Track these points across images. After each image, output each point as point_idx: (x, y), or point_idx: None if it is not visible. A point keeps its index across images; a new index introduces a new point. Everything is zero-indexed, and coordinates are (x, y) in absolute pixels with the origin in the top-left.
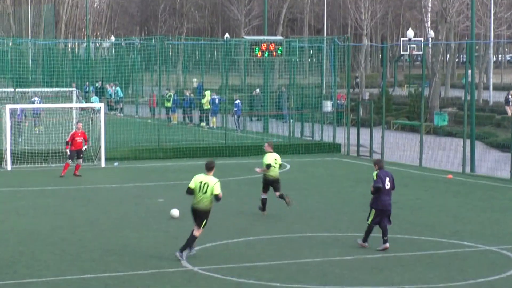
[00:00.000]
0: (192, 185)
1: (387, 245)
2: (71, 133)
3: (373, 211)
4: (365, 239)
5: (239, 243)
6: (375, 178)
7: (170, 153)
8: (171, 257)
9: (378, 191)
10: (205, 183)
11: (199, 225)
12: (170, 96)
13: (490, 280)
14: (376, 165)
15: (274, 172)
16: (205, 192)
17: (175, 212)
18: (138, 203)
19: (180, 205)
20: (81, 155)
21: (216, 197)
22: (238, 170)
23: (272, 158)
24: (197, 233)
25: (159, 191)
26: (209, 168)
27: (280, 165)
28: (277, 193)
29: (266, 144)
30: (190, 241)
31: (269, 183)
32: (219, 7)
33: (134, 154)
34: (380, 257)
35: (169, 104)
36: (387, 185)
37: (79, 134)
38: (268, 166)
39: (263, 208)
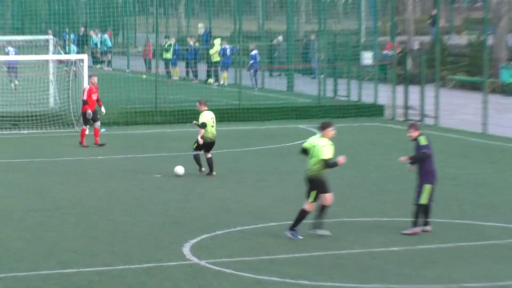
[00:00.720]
0: (306, 144)
1: (429, 227)
2: (86, 89)
3: (428, 186)
4: (426, 223)
5: (257, 230)
6: (425, 142)
7: (170, 116)
8: (171, 247)
9: (424, 159)
10: (314, 145)
11: (307, 196)
12: (169, 45)
13: None
14: (415, 128)
15: (212, 132)
16: (312, 156)
17: (180, 169)
18: (130, 179)
19: (184, 182)
20: (98, 116)
21: (326, 164)
22: (255, 138)
23: (208, 116)
24: (306, 206)
25: (156, 164)
26: (322, 128)
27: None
28: (208, 155)
29: (198, 103)
30: (300, 217)
31: (210, 146)
32: None
33: (126, 118)
34: (434, 248)
35: (169, 56)
36: None
37: (94, 90)
38: (204, 125)
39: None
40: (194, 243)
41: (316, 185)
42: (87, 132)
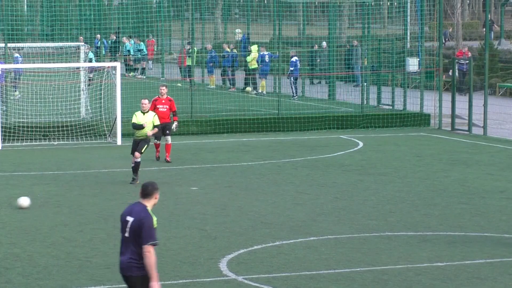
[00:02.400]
0: None
1: None
2: (152, 99)
3: None
4: None
5: (297, 245)
6: None
7: (206, 127)
8: (208, 262)
9: None
10: None
11: None
12: (193, 52)
13: None
14: None
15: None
16: None
17: (24, 201)
18: (165, 192)
19: (221, 194)
20: (167, 131)
21: None
22: (295, 149)
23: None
24: None
25: (192, 176)
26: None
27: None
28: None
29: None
30: None
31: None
32: None
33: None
34: (483, 263)
35: (190, 63)
36: None
37: (163, 101)
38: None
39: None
40: (231, 258)
41: None
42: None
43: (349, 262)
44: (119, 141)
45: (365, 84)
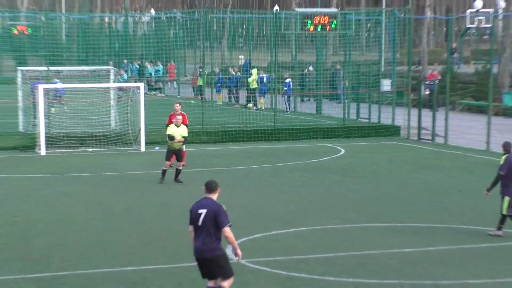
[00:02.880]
0: None
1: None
2: (169, 115)
3: (507, 199)
4: (499, 228)
5: (290, 234)
6: (502, 162)
7: (214, 136)
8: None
9: (499, 179)
10: None
11: None
12: (204, 74)
13: None
14: (504, 148)
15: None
16: None
17: None
18: (180, 190)
19: (228, 193)
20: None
21: None
22: (289, 156)
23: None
24: None
25: (203, 177)
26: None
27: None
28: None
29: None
30: None
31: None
32: None
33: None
34: (444, 250)
35: (201, 83)
36: None
37: (180, 116)
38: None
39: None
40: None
41: None
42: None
43: (333, 248)
44: (142, 149)
45: (346, 101)
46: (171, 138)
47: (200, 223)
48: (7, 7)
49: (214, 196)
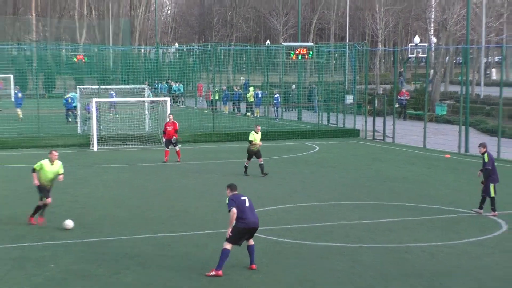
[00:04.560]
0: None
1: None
2: (165, 123)
3: (493, 185)
4: (481, 207)
5: (278, 210)
6: (487, 160)
7: (222, 137)
8: (223, 221)
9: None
10: None
11: None
12: (215, 91)
13: (480, 239)
14: (483, 146)
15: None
16: None
17: (69, 224)
18: (196, 177)
19: (233, 180)
20: (171, 144)
21: None
22: (278, 151)
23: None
24: None
25: (213, 167)
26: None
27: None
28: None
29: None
30: None
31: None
32: (261, 19)
33: (194, 138)
34: (391, 221)
35: (213, 98)
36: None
37: (170, 124)
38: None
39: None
40: None
41: None
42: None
43: (310, 220)
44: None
45: (320, 111)
46: (250, 142)
47: (247, 204)
48: (69, 42)
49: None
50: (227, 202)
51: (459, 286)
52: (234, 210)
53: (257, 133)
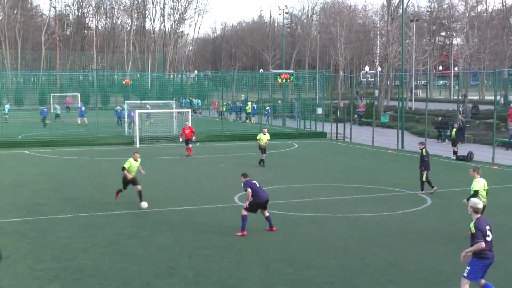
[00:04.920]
0: None
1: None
2: (183, 128)
3: (425, 173)
4: (422, 189)
5: (271, 189)
6: (424, 153)
7: (228, 138)
8: (228, 198)
9: (428, 164)
10: None
11: None
12: (222, 104)
13: (412, 210)
14: (421, 145)
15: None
16: None
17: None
18: (209, 167)
19: (233, 168)
20: (189, 142)
21: None
22: (268, 148)
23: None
24: None
25: (222, 159)
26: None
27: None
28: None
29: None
30: None
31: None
32: (257, 53)
33: (208, 138)
34: (349, 198)
35: (222, 109)
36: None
37: (187, 128)
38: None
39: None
40: (239, 196)
41: None
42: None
43: (293, 197)
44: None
45: (298, 119)
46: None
47: (258, 185)
48: (120, 69)
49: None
50: (242, 186)
51: (398, 242)
52: (249, 190)
53: (264, 134)
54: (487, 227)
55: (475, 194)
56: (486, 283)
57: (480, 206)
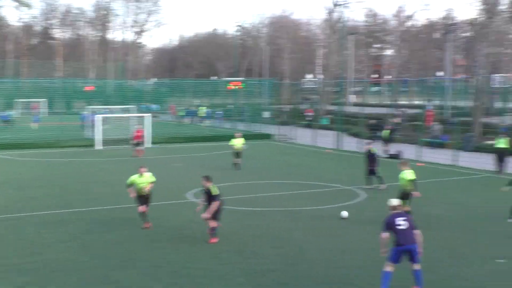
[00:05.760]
0: None
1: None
2: (135, 131)
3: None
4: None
5: (230, 186)
6: (374, 151)
7: (184, 139)
8: (181, 195)
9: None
10: None
11: None
12: (181, 109)
13: (345, 204)
14: (368, 144)
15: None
16: None
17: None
18: (166, 166)
19: (189, 168)
20: (139, 144)
21: None
22: (221, 148)
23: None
24: None
25: (178, 160)
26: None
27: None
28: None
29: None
30: None
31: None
32: (211, 62)
33: (165, 140)
34: (292, 193)
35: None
36: None
37: (139, 131)
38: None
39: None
40: (194, 192)
41: None
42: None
43: (238, 192)
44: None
45: (248, 122)
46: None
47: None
48: (82, 77)
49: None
50: (203, 188)
51: (336, 232)
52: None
53: (237, 139)
54: (397, 219)
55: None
56: (414, 272)
57: (394, 203)
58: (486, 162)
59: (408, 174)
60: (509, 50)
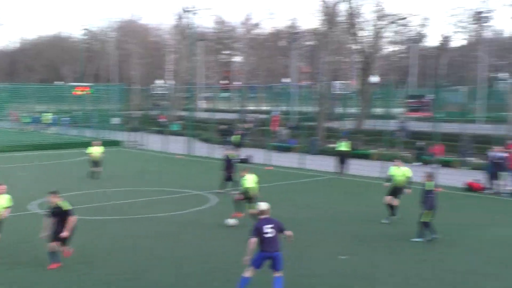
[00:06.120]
0: None
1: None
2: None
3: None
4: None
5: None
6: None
7: (27, 147)
8: (22, 206)
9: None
10: None
11: None
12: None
13: (198, 209)
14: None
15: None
16: None
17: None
18: (9, 175)
19: (35, 176)
20: None
21: None
22: (67, 156)
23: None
24: None
25: (22, 168)
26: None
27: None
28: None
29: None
30: None
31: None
32: (57, 66)
33: (7, 148)
34: (145, 200)
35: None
36: None
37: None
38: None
39: None
40: (34, 204)
41: None
42: None
43: (98, 201)
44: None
45: (96, 128)
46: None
47: None
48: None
49: None
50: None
51: (188, 236)
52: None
53: (95, 147)
54: (265, 227)
55: None
56: (276, 278)
57: (261, 208)
58: (329, 164)
59: (249, 180)
60: (347, 59)
